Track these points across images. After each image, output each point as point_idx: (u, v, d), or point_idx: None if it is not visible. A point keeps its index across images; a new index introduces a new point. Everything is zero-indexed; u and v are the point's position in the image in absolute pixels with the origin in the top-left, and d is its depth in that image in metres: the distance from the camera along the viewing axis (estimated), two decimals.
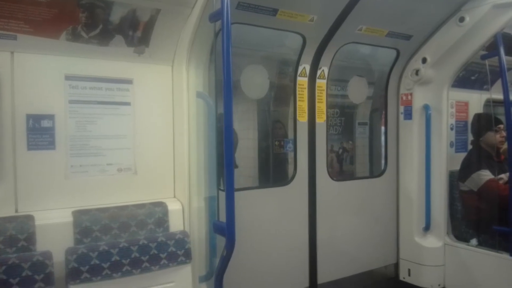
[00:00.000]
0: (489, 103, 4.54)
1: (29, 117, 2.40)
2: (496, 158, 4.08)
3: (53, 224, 2.39)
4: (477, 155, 4.10)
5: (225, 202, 2.34)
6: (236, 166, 2.31)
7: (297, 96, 3.54)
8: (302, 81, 3.55)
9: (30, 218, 2.32)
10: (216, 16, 2.43)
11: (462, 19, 3.61)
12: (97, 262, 2.34)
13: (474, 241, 3.88)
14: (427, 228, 4.03)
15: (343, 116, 4.50)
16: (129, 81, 2.74)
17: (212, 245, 2.84)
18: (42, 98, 2.45)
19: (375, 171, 4.27)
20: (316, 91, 3.63)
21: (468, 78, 4.56)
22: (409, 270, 4.15)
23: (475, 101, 4.71)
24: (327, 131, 3.76)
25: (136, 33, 2.65)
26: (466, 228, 4.08)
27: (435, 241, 4.03)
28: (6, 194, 2.36)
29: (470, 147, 4.37)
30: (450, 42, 3.76)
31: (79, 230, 2.44)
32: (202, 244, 2.83)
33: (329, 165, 4.20)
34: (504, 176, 3.84)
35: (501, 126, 4.02)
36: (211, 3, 2.52)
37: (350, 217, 3.90)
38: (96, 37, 2.54)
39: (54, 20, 2.37)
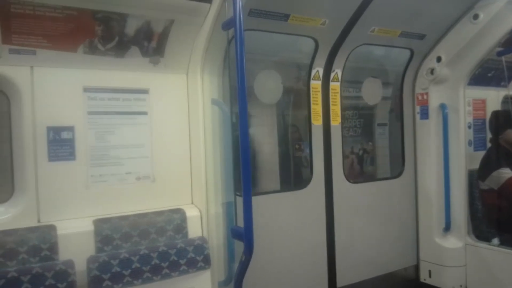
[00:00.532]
0: (507, 100, 4.47)
1: (49, 129, 2.46)
2: None
3: (75, 233, 2.44)
4: (497, 153, 4.04)
5: (242, 207, 2.36)
6: None
7: (311, 99, 3.54)
8: (316, 85, 3.55)
9: (52, 228, 2.37)
10: (229, 24, 2.46)
11: (476, 16, 3.57)
12: (118, 269, 2.38)
13: (495, 241, 3.82)
14: (447, 228, 3.98)
15: (362, 118, 4.46)
16: (145, 91, 2.78)
17: (231, 250, 2.86)
18: (61, 111, 2.51)
19: (395, 172, 4.24)
20: (330, 93, 3.63)
21: (484, 75, 4.49)
22: (429, 271, 4.10)
23: (493, 98, 4.64)
24: (342, 134, 3.75)
25: (151, 43, 2.70)
26: (487, 228, 4.02)
27: (456, 242, 3.98)
28: (29, 205, 2.42)
29: (489, 145, 4.31)
30: (465, 40, 3.72)
31: (100, 238, 2.48)
32: (221, 249, 2.85)
33: (350, 167, 4.18)
34: None
35: None
36: (223, 11, 2.55)
37: (368, 219, 3.88)
38: (112, 49, 2.59)
39: (71, 34, 2.44)
